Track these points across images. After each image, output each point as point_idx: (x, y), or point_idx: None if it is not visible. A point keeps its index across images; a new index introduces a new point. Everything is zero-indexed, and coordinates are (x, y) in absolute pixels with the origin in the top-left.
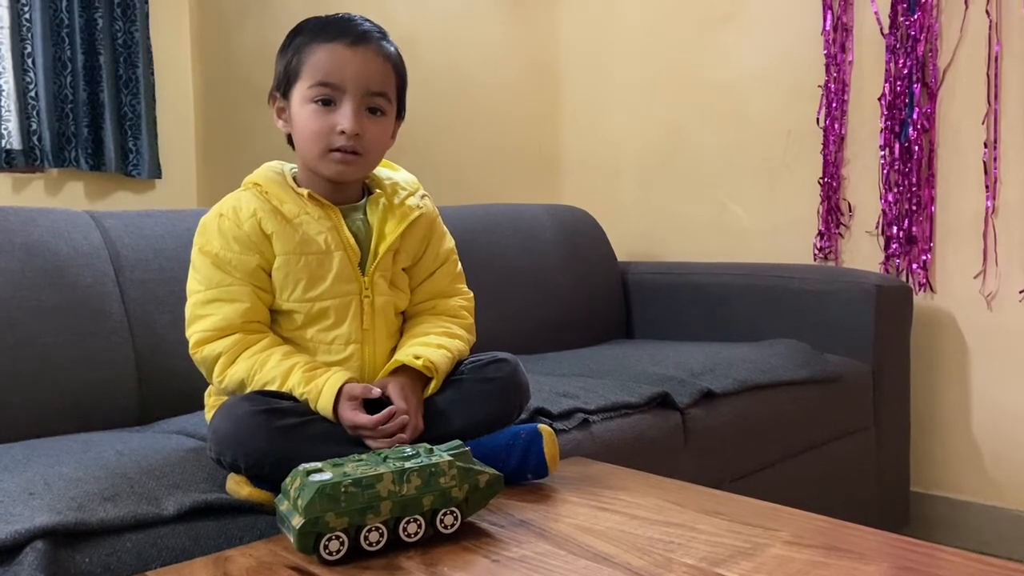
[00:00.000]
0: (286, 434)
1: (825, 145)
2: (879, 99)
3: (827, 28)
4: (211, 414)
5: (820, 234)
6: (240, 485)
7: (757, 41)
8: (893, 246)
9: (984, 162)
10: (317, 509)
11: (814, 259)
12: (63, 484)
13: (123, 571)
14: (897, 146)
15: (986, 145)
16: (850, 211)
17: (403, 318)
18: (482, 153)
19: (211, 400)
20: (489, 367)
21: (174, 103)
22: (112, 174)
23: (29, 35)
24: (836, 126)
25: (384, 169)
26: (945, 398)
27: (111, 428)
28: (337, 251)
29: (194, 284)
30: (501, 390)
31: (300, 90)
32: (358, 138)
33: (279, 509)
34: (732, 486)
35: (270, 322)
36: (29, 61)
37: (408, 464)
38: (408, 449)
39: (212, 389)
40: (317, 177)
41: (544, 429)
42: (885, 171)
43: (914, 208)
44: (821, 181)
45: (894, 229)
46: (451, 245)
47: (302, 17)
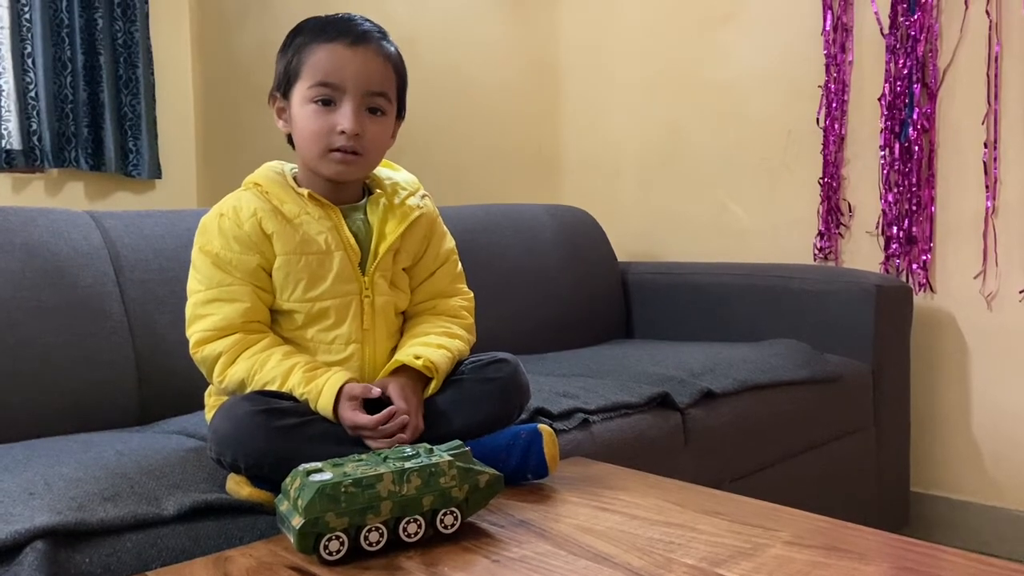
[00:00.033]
0: (286, 434)
1: (825, 145)
2: (879, 99)
3: (827, 28)
4: (211, 414)
5: (820, 234)
6: (240, 485)
7: (757, 41)
8: (893, 246)
9: (984, 162)
10: (317, 509)
11: (814, 259)
12: (63, 484)
13: (123, 571)
14: (897, 146)
15: (986, 145)
16: (850, 211)
17: (403, 318)
18: (482, 153)
19: (211, 400)
20: (489, 367)
21: (174, 103)
22: (112, 174)
23: (29, 35)
24: (836, 126)
25: (384, 169)
26: (945, 398)
27: (111, 428)
28: (337, 251)
29: (194, 284)
30: (501, 390)
31: (300, 90)
32: (358, 138)
33: (279, 509)
34: (732, 486)
35: (270, 322)
36: (29, 61)
37: (408, 464)
38: (408, 449)
39: (212, 389)
40: (317, 177)
41: (544, 429)
42: (885, 171)
43: (914, 208)
44: (821, 181)
45: (894, 229)
46: (451, 245)
47: (302, 17)
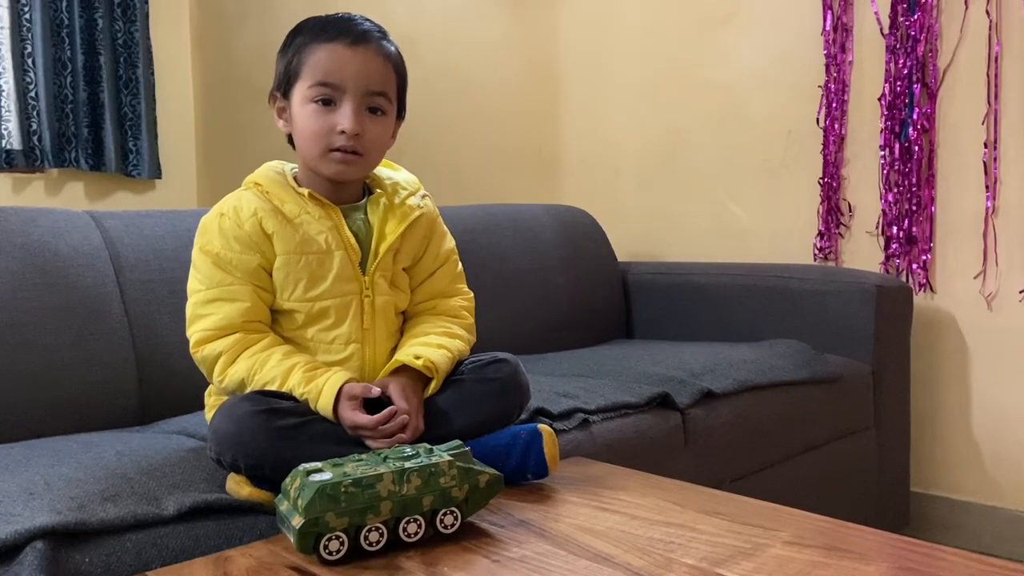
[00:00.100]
0: (286, 434)
1: (825, 145)
2: (879, 99)
3: (827, 28)
4: (211, 414)
5: (820, 234)
6: (240, 485)
7: (757, 41)
8: (893, 246)
9: (984, 162)
10: (317, 509)
11: (814, 259)
12: (63, 484)
13: (123, 571)
14: (897, 146)
15: (986, 145)
16: (850, 211)
17: (403, 318)
18: (482, 153)
19: (211, 400)
20: (489, 367)
21: (174, 103)
22: (112, 174)
23: (29, 35)
24: (836, 126)
25: (385, 169)
26: (945, 398)
27: (111, 428)
28: (338, 251)
29: (195, 283)
30: (501, 390)
31: (300, 90)
32: (358, 138)
33: (279, 509)
34: (732, 486)
35: (271, 322)
36: (29, 61)
37: (408, 464)
38: (408, 449)
39: (212, 389)
40: (318, 177)
41: (544, 429)
42: (885, 171)
43: (914, 208)
44: (821, 181)
45: (894, 229)
46: (451, 245)
47: (302, 17)
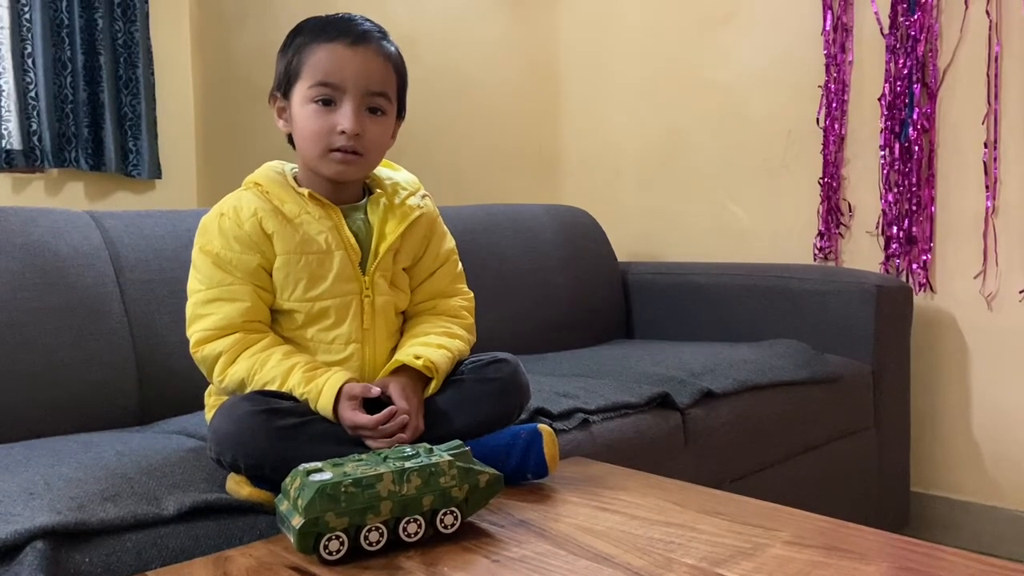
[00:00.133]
0: (286, 434)
1: (825, 145)
2: (879, 99)
3: (827, 28)
4: (211, 414)
5: (820, 234)
6: (240, 485)
7: (757, 41)
8: (893, 246)
9: (984, 162)
10: (317, 509)
11: (814, 259)
12: (63, 484)
13: (123, 571)
14: (897, 146)
15: (986, 145)
16: (850, 211)
17: (403, 318)
18: (482, 153)
19: (211, 400)
20: (489, 367)
21: (174, 103)
22: (112, 174)
23: (29, 35)
24: (836, 126)
25: (385, 169)
26: (945, 398)
27: (111, 428)
28: (338, 251)
29: (195, 283)
30: (501, 390)
31: (300, 90)
32: (358, 138)
33: (279, 509)
34: (732, 486)
35: (271, 322)
36: (29, 61)
37: (408, 464)
38: (408, 449)
39: (212, 389)
40: (318, 177)
41: (544, 429)
42: (885, 171)
43: (914, 208)
44: (821, 181)
45: (894, 229)
46: (451, 245)
47: (302, 17)
